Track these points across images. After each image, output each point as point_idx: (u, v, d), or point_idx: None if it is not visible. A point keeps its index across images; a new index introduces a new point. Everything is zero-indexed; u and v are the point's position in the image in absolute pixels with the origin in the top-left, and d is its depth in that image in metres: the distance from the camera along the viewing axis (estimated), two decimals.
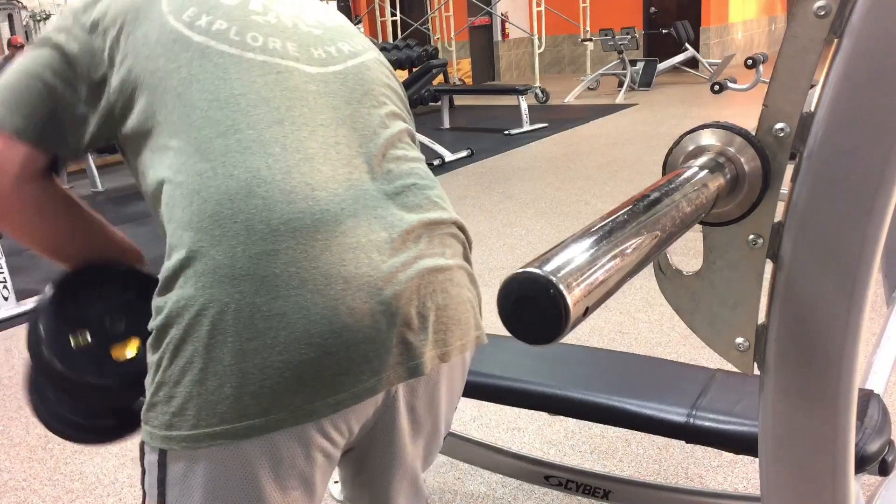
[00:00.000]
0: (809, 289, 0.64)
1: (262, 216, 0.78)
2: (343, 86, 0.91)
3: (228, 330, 0.76)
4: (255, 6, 0.92)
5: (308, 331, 0.77)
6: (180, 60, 0.84)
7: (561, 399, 1.41)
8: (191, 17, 0.87)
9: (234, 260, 0.76)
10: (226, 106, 0.82)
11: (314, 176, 0.81)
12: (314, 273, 0.78)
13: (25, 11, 9.63)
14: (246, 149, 0.80)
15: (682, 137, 0.65)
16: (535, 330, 0.42)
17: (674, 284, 0.71)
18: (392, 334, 0.82)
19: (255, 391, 0.76)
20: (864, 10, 0.58)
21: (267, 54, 0.87)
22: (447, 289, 0.87)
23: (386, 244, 0.83)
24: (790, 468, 0.72)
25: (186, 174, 0.80)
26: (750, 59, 4.84)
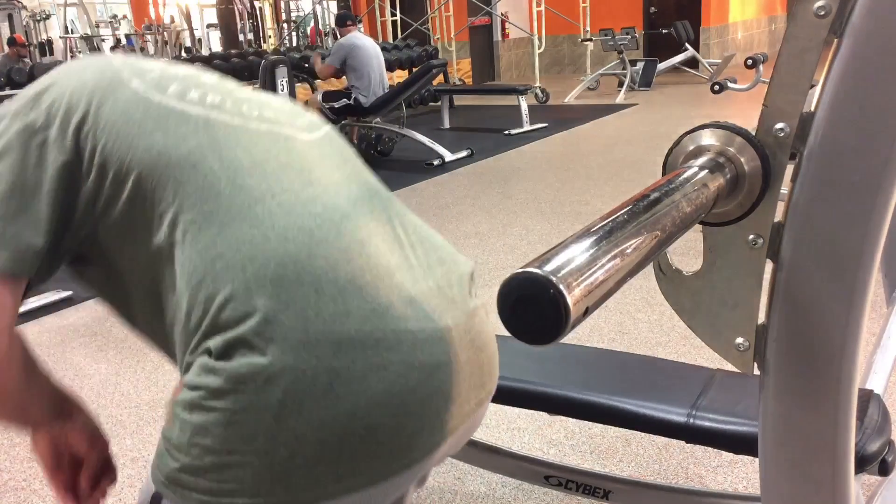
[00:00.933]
0: (809, 289, 0.64)
1: (328, 277, 0.75)
2: (332, 149, 0.91)
3: (305, 399, 0.72)
4: (230, 85, 0.91)
5: (388, 392, 0.75)
6: (182, 133, 0.80)
7: (561, 399, 1.41)
8: (178, 92, 0.84)
9: (306, 324, 0.73)
10: (253, 173, 0.80)
11: (359, 232, 0.80)
12: (385, 331, 0.76)
13: (25, 11, 9.63)
14: (290, 212, 0.78)
15: (682, 137, 0.66)
16: (535, 330, 0.42)
17: (674, 284, 0.71)
18: (455, 382, 0.82)
19: (331, 458, 0.74)
20: (864, 10, 0.58)
21: (267, 123, 0.86)
22: (484, 328, 0.88)
23: (432, 293, 0.83)
24: (790, 468, 0.72)
25: (227, 244, 0.75)
26: (750, 59, 4.84)
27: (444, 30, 11.09)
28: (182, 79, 0.87)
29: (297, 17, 12.54)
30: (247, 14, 11.06)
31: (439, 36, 11.21)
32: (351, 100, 6.26)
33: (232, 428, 0.73)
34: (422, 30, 11.07)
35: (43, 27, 10.08)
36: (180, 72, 0.89)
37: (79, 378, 2.76)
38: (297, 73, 7.40)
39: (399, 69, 8.88)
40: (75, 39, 10.65)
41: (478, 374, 0.86)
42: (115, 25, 11.20)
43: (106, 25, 11.14)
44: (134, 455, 2.20)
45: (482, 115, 9.00)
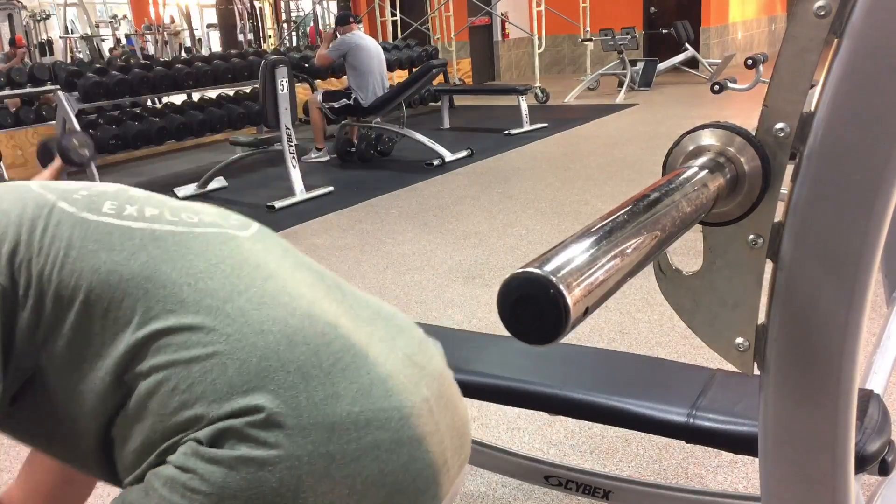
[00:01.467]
0: (809, 289, 0.64)
1: (312, 362, 0.76)
2: (268, 241, 0.92)
3: (302, 485, 0.72)
4: (161, 197, 0.91)
5: (382, 471, 0.75)
6: (130, 249, 0.79)
7: (561, 399, 1.41)
8: (115, 209, 0.83)
9: (299, 410, 0.73)
10: (214, 276, 0.79)
11: (327, 315, 0.81)
12: (374, 410, 0.77)
13: (25, 11, 9.63)
14: (261, 305, 0.78)
15: (682, 137, 0.65)
16: (535, 330, 0.42)
17: (674, 284, 0.71)
18: (440, 451, 0.82)
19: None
20: (864, 10, 0.58)
21: (209, 227, 0.86)
22: (451, 391, 0.90)
23: (404, 364, 0.84)
24: (790, 468, 0.72)
25: (200, 348, 0.75)
26: (750, 59, 4.84)
27: (444, 30, 11.09)
28: (113, 195, 0.86)
29: (297, 17, 12.54)
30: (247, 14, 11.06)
31: (439, 36, 11.21)
32: (351, 100, 6.26)
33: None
34: (422, 30, 11.07)
35: (43, 27, 10.07)
36: (108, 189, 0.88)
37: None
38: (297, 73, 7.40)
39: (399, 69, 8.88)
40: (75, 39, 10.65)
41: (456, 437, 0.87)
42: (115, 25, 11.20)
43: (106, 25, 11.14)
44: None
45: (482, 115, 9.00)
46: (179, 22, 11.24)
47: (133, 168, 7.10)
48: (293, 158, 5.21)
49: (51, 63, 7.00)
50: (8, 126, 6.25)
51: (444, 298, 3.22)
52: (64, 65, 6.76)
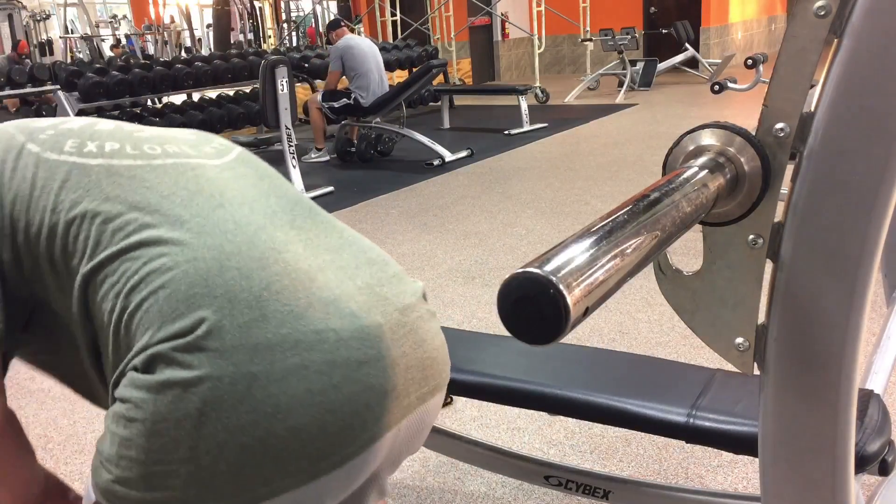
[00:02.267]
0: (809, 289, 0.64)
1: (241, 285, 0.77)
2: (247, 168, 0.94)
3: (223, 405, 0.73)
4: (129, 128, 0.93)
5: (309, 391, 0.75)
6: (85, 185, 0.81)
7: (561, 399, 1.41)
8: (75, 147, 0.85)
9: (221, 333, 0.74)
10: (162, 207, 0.81)
11: (274, 241, 0.83)
12: (305, 331, 0.77)
13: (25, 11, 9.63)
14: (201, 233, 0.80)
15: (682, 137, 0.66)
16: (535, 330, 0.42)
17: (674, 284, 0.71)
18: (387, 378, 0.82)
19: (256, 463, 0.74)
20: (864, 10, 0.58)
21: (171, 157, 0.88)
22: (421, 324, 0.89)
23: (360, 291, 0.84)
24: (790, 468, 0.72)
25: (139, 276, 0.77)
26: (750, 59, 4.84)
27: (444, 30, 11.09)
28: (77, 132, 0.88)
29: (297, 17, 12.54)
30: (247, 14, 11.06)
31: (439, 36, 11.21)
32: (351, 99, 6.26)
33: (154, 439, 0.73)
34: (422, 30, 11.07)
35: (43, 27, 10.07)
36: (74, 125, 0.90)
37: None
38: (297, 73, 7.40)
39: (399, 69, 8.88)
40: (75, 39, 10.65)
41: (417, 369, 0.86)
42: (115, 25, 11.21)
43: (106, 25, 11.15)
44: None
45: (482, 115, 9.00)
46: (179, 22, 11.24)
47: None
48: (293, 158, 5.21)
49: (51, 63, 7.00)
50: None
51: (444, 298, 3.22)
52: (64, 65, 6.76)
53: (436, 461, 2.06)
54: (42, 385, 2.73)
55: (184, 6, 11.02)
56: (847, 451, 0.69)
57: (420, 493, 1.94)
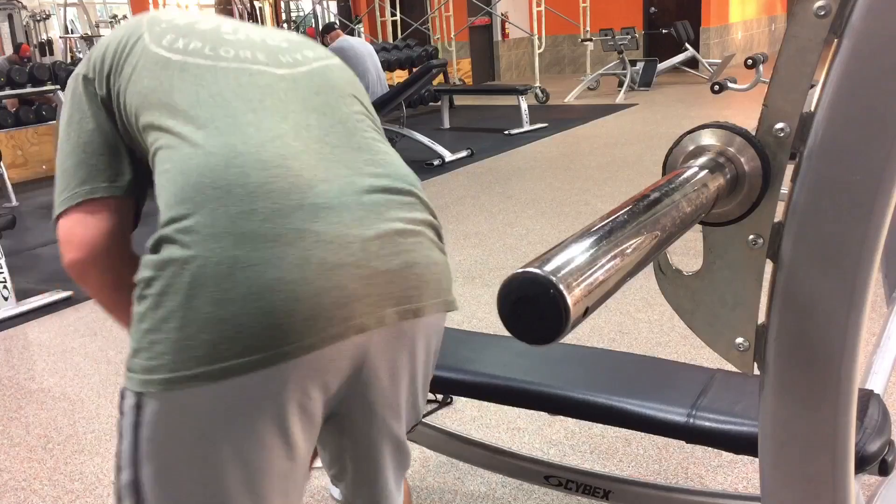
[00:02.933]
0: (809, 289, 0.64)
1: (239, 181, 0.87)
2: (311, 82, 1.03)
3: (208, 281, 0.83)
4: (226, 29, 1.05)
5: (281, 278, 0.83)
6: (161, 77, 0.96)
7: (561, 399, 1.41)
8: (169, 42, 1.00)
9: (214, 220, 0.85)
10: (205, 105, 0.93)
11: (286, 149, 0.92)
12: (288, 228, 0.86)
13: (25, 11, 9.63)
14: (223, 132, 0.91)
15: (682, 137, 0.65)
16: (535, 330, 0.42)
17: (674, 284, 0.71)
18: (361, 285, 0.88)
19: (230, 335, 0.83)
20: (864, 10, 0.58)
21: (239, 62, 1.00)
22: (416, 248, 0.95)
23: (357, 206, 0.91)
24: (790, 468, 0.72)
25: (172, 162, 0.90)
26: (750, 59, 4.84)
27: (444, 30, 11.09)
28: (179, 28, 1.02)
29: (297, 17, 12.54)
30: (247, 14, 11.06)
31: (439, 36, 11.21)
32: None
33: (157, 310, 0.84)
34: (422, 30, 11.07)
35: (43, 27, 10.07)
36: (181, 21, 1.04)
37: (78, 378, 2.76)
38: None
39: (399, 69, 8.88)
40: (75, 39, 10.65)
41: (398, 286, 0.92)
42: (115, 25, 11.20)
43: (106, 25, 11.14)
44: None
45: (482, 115, 9.00)
46: None
47: None
48: None
49: (51, 63, 6.99)
50: (8, 126, 6.25)
51: None
52: (64, 65, 6.76)
53: (436, 461, 2.06)
54: (42, 385, 2.73)
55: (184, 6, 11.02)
56: (847, 451, 0.69)
57: (420, 493, 1.94)
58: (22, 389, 2.71)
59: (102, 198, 0.98)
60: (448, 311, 1.03)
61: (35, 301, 3.48)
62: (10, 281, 3.42)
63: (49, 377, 2.79)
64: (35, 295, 3.55)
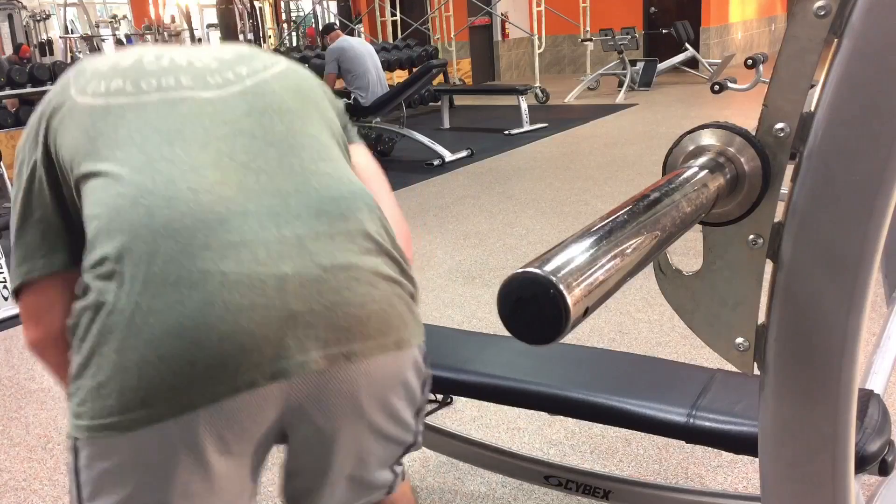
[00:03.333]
0: (809, 289, 0.64)
1: (143, 221, 0.83)
2: (243, 101, 0.96)
3: (114, 328, 0.81)
4: (148, 59, 0.99)
5: (181, 324, 0.80)
6: (87, 125, 0.91)
7: (561, 399, 1.41)
8: (93, 89, 0.95)
9: (121, 264, 0.82)
10: (124, 144, 0.89)
11: (200, 182, 0.86)
12: (191, 270, 0.82)
13: (25, 11, 9.63)
14: (136, 170, 0.87)
15: (682, 137, 0.65)
16: (535, 330, 0.42)
17: (674, 284, 0.71)
18: (276, 328, 0.83)
19: (134, 385, 0.81)
20: (864, 10, 0.58)
21: (161, 92, 0.94)
22: (350, 285, 0.88)
23: (277, 240, 0.85)
24: (790, 468, 0.72)
25: (90, 206, 0.88)
26: (750, 59, 4.83)
27: (444, 30, 11.09)
28: (102, 73, 0.97)
29: (297, 17, 12.54)
30: (247, 14, 11.06)
31: (439, 36, 11.21)
32: (350, 100, 6.26)
33: (77, 357, 0.85)
34: (422, 30, 11.06)
35: (43, 27, 10.07)
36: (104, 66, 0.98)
37: None
38: None
39: (399, 69, 8.88)
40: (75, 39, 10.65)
41: (330, 328, 0.86)
42: (115, 25, 11.20)
43: (106, 25, 11.14)
44: None
45: (482, 115, 9.00)
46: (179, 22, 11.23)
47: None
48: None
49: (51, 63, 6.99)
50: (8, 126, 6.25)
51: (444, 299, 3.22)
52: (64, 65, 6.76)
53: (436, 461, 2.06)
54: (42, 385, 2.73)
55: (184, 6, 11.02)
56: (847, 451, 0.69)
57: (420, 493, 1.94)
58: (22, 389, 2.71)
59: (48, 275, 0.93)
60: (400, 350, 0.93)
61: None
62: (10, 281, 3.42)
63: (49, 377, 2.79)
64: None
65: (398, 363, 0.94)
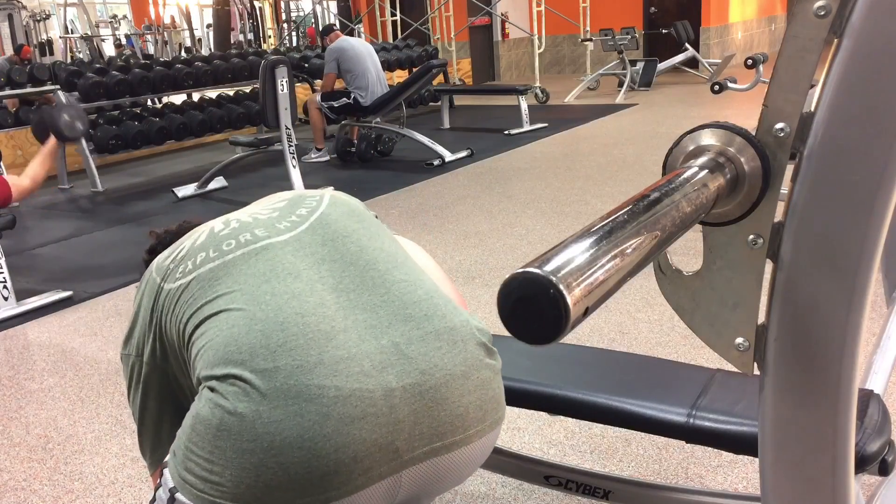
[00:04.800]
0: (809, 289, 0.64)
1: (261, 343, 0.94)
2: (314, 235, 1.09)
3: (233, 430, 0.90)
4: (218, 228, 1.13)
5: (301, 436, 0.88)
6: (185, 298, 1.04)
7: (561, 399, 1.41)
8: (182, 272, 1.08)
9: (242, 377, 0.91)
10: (224, 297, 1.01)
11: (302, 307, 0.97)
12: (309, 384, 0.90)
13: (25, 11, 9.63)
14: (242, 307, 0.99)
15: (682, 137, 0.65)
16: (535, 330, 0.42)
17: (674, 284, 0.71)
18: (385, 432, 0.91)
19: (250, 483, 0.89)
20: (864, 10, 0.58)
21: (242, 248, 1.07)
22: (448, 384, 0.97)
23: (377, 352, 0.95)
24: (790, 468, 0.72)
25: (205, 339, 0.98)
26: (750, 59, 4.83)
27: (444, 30, 11.09)
28: (182, 257, 1.10)
29: (297, 17, 12.54)
30: (247, 14, 11.07)
31: (439, 36, 11.21)
32: (350, 99, 6.25)
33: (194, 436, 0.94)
34: (422, 30, 11.07)
35: (43, 27, 10.07)
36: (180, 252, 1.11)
37: (79, 378, 2.76)
38: (297, 73, 7.39)
39: (399, 69, 8.88)
40: (75, 39, 10.65)
41: (427, 426, 0.96)
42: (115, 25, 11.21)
43: (106, 25, 11.15)
44: (134, 455, 2.20)
45: (482, 115, 9.00)
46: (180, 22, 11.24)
47: (133, 168, 7.10)
48: (293, 158, 5.21)
49: (51, 63, 6.99)
50: (8, 126, 6.25)
51: None
52: (64, 65, 6.76)
53: None
54: (42, 385, 2.73)
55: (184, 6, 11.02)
56: (847, 451, 0.69)
57: None
58: (22, 389, 2.71)
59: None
60: (494, 429, 1.04)
61: (35, 301, 3.48)
62: (9, 281, 3.42)
63: (49, 377, 2.79)
64: (35, 295, 3.55)
65: (493, 439, 1.06)
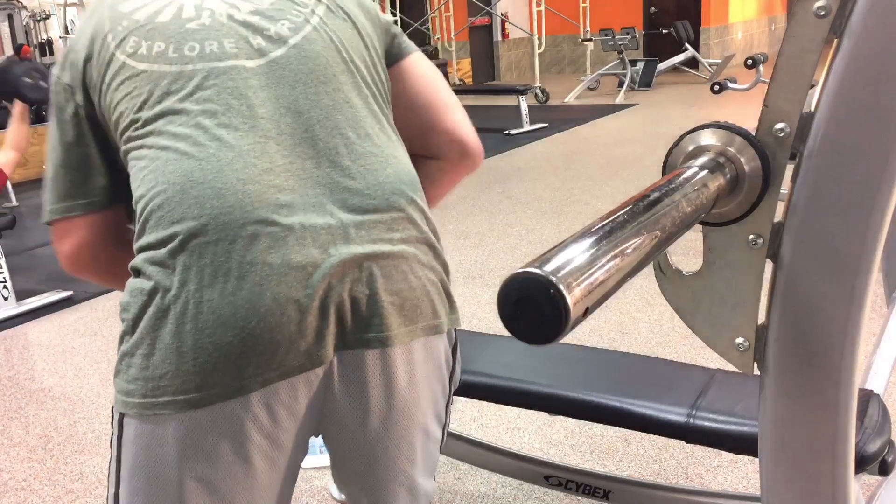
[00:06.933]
0: (809, 289, 0.64)
1: (193, 213, 0.86)
2: (286, 70, 0.94)
3: (169, 314, 0.85)
4: (188, 13, 0.96)
5: (234, 315, 0.84)
6: (128, 90, 0.92)
7: (561, 399, 1.41)
8: (133, 48, 0.94)
9: (174, 252, 0.86)
10: (172, 122, 0.90)
11: (247, 171, 0.88)
12: (241, 262, 0.85)
13: (25, 11, 9.63)
14: (183, 156, 0.88)
15: (682, 137, 0.65)
16: (535, 330, 0.42)
17: (674, 284, 0.71)
18: (319, 317, 0.87)
19: (189, 369, 0.85)
20: (864, 10, 0.58)
21: (205, 60, 0.93)
22: (389, 274, 0.91)
23: (322, 230, 0.88)
24: (790, 468, 0.72)
25: (138, 189, 0.90)
26: (750, 59, 4.83)
27: (444, 30, 11.09)
28: (141, 27, 0.95)
29: None
30: None
31: (439, 36, 11.21)
32: None
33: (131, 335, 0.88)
34: (422, 30, 11.06)
35: (43, 27, 10.07)
36: (142, 16, 0.96)
37: (78, 378, 2.76)
38: None
39: None
40: None
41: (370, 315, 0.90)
42: None
43: None
44: None
45: (482, 115, 8.99)
46: None
47: None
48: None
49: (51, 63, 6.99)
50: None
51: None
52: None
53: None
54: (42, 385, 2.73)
55: None
56: (847, 451, 0.69)
57: None
58: (22, 389, 2.71)
59: (79, 215, 0.97)
60: (435, 334, 0.96)
61: (35, 301, 3.48)
62: (9, 281, 3.42)
63: (49, 377, 2.79)
64: (35, 295, 3.55)
65: (430, 348, 0.97)
